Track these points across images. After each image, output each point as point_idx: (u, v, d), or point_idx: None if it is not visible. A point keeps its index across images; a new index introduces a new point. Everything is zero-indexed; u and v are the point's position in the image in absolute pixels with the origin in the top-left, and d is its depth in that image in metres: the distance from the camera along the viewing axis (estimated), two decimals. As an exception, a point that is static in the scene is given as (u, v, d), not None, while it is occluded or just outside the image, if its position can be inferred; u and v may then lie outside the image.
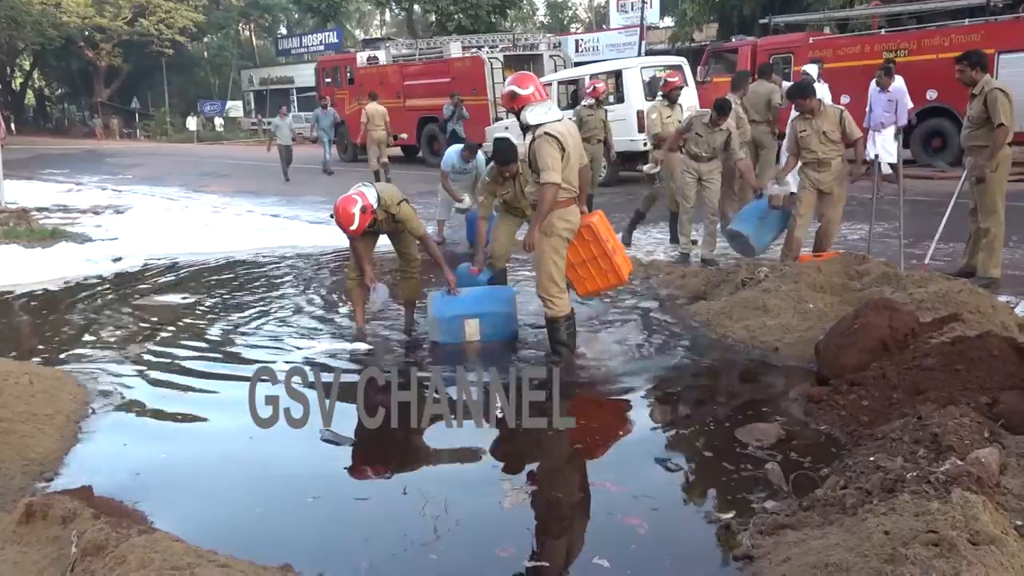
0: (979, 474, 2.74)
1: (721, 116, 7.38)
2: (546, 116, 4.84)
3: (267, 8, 53.42)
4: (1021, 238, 7.75)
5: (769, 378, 4.84)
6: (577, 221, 4.92)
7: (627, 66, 14.57)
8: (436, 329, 5.60)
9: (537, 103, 4.86)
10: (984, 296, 5.12)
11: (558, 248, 4.92)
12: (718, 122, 7.40)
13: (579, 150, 4.94)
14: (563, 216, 4.88)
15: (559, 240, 4.90)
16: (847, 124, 6.74)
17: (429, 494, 3.49)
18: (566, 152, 4.76)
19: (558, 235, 4.89)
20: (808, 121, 6.83)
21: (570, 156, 4.79)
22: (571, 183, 4.86)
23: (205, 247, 9.82)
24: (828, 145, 6.76)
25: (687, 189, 7.70)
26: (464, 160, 9.00)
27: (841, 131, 6.75)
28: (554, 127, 4.77)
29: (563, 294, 5.00)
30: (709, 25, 27.07)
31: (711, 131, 7.45)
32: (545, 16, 55.40)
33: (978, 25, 13.58)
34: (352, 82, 22.01)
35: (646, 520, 3.27)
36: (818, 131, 6.77)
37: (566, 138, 4.77)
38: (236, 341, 6.00)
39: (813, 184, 6.86)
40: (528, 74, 5.06)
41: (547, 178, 4.69)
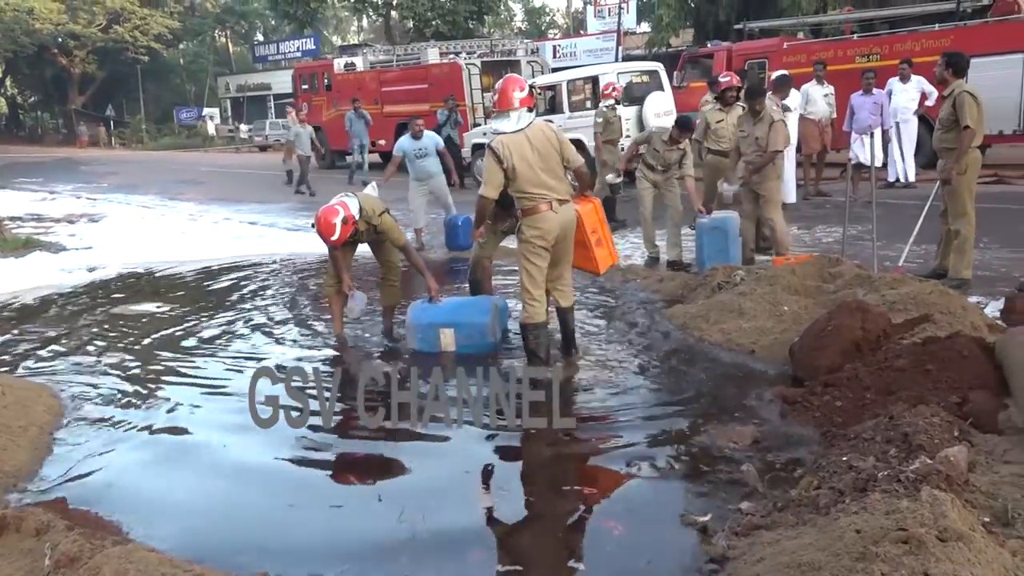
0: (948, 472, 2.79)
1: (682, 133, 7.48)
2: (508, 127, 4.77)
3: (243, 15, 53.17)
4: (991, 240, 7.87)
5: (745, 380, 4.88)
6: (551, 227, 4.80)
7: (604, 72, 14.62)
8: (412, 336, 5.61)
9: (502, 113, 4.81)
10: (955, 297, 5.19)
11: (528, 255, 4.87)
12: (678, 139, 7.50)
13: (548, 154, 4.78)
14: (531, 224, 4.82)
15: (529, 247, 4.85)
16: (772, 135, 6.96)
17: (405, 500, 3.49)
18: (507, 166, 4.68)
19: (528, 242, 4.85)
20: (749, 123, 7.13)
21: (519, 168, 4.69)
22: (539, 190, 4.76)
23: (181, 255, 9.75)
24: (759, 151, 7.04)
25: (644, 197, 7.78)
26: (415, 138, 9.30)
27: (767, 141, 6.99)
28: (499, 139, 4.74)
29: (535, 301, 4.92)
30: (685, 31, 27.24)
31: (669, 148, 7.56)
32: (523, 22, 55.54)
33: (948, 30, 13.77)
34: (330, 88, 21.95)
35: (621, 523, 3.29)
36: (751, 136, 7.00)
37: (511, 149, 4.68)
38: (211, 350, 5.96)
39: (750, 185, 7.14)
40: (511, 80, 4.90)
41: (480, 191, 4.87)
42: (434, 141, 9.62)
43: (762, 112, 7.10)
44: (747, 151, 7.14)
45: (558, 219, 4.84)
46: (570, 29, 45.04)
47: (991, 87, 11.30)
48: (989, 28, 13.32)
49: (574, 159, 4.95)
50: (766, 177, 7.12)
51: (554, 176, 4.84)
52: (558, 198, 4.84)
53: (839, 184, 7.85)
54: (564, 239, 4.96)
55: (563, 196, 4.88)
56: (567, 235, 4.97)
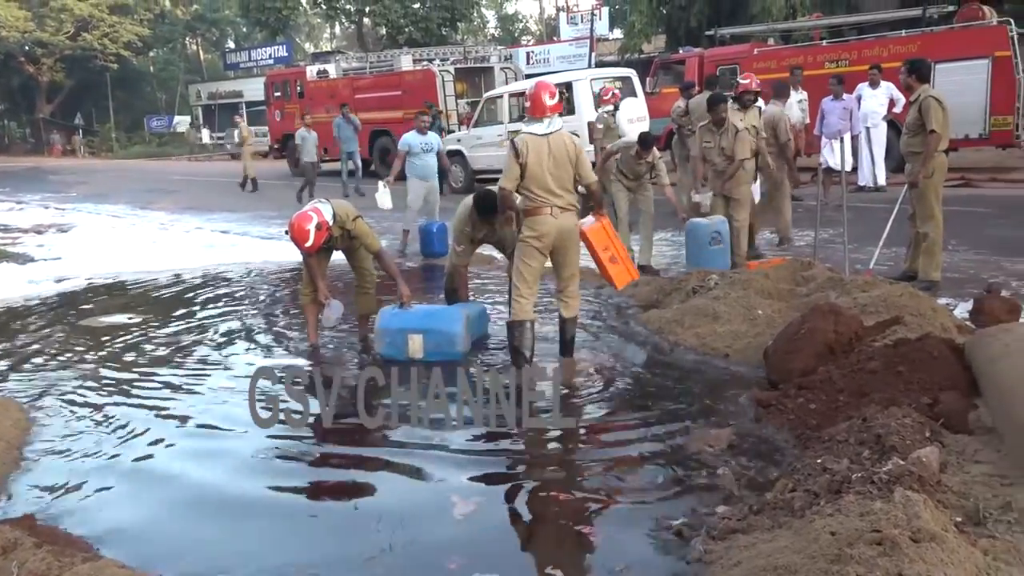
0: (920, 473, 2.82)
1: (645, 150, 7.53)
2: (534, 129, 4.92)
3: (214, 22, 52.77)
4: (960, 242, 7.99)
5: (720, 384, 4.90)
6: (545, 231, 4.90)
7: (577, 78, 14.70)
8: (379, 341, 5.57)
9: (534, 118, 4.94)
10: (924, 299, 5.27)
11: (523, 253, 4.98)
12: (642, 155, 7.55)
13: (562, 162, 4.89)
14: (530, 224, 4.94)
15: (524, 246, 4.97)
16: (738, 145, 7.11)
17: (381, 508, 3.47)
18: (522, 161, 4.80)
19: (524, 241, 4.97)
20: (713, 134, 7.25)
21: (531, 167, 4.82)
22: (541, 195, 4.87)
23: (152, 265, 9.63)
24: (726, 160, 7.19)
25: (619, 201, 7.81)
26: (421, 133, 9.50)
27: (732, 150, 7.14)
28: (522, 137, 4.88)
29: (523, 298, 5.00)
30: (657, 37, 27.44)
31: (636, 162, 7.62)
32: (496, 29, 55.64)
33: (915, 36, 14.00)
34: (302, 96, 21.83)
35: (598, 528, 3.29)
36: (717, 147, 7.14)
37: (528, 148, 4.81)
38: (183, 361, 5.89)
39: (719, 191, 7.28)
40: (544, 87, 5.01)
41: (499, 183, 4.95)
42: (438, 139, 9.92)
43: (725, 122, 7.19)
44: (714, 160, 7.24)
45: (556, 224, 4.93)
46: (543, 35, 45.19)
47: (957, 92, 11.52)
48: (954, 34, 13.56)
49: (587, 176, 5.07)
50: (738, 181, 7.22)
51: (562, 185, 4.94)
52: (560, 205, 4.93)
53: (810, 188, 7.91)
54: (564, 246, 5.03)
55: (565, 205, 4.96)
56: (566, 243, 5.04)
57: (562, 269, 5.14)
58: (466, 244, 5.87)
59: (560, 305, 5.25)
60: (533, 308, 5.10)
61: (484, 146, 15.44)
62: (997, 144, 13.69)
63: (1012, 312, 4.86)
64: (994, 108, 12.88)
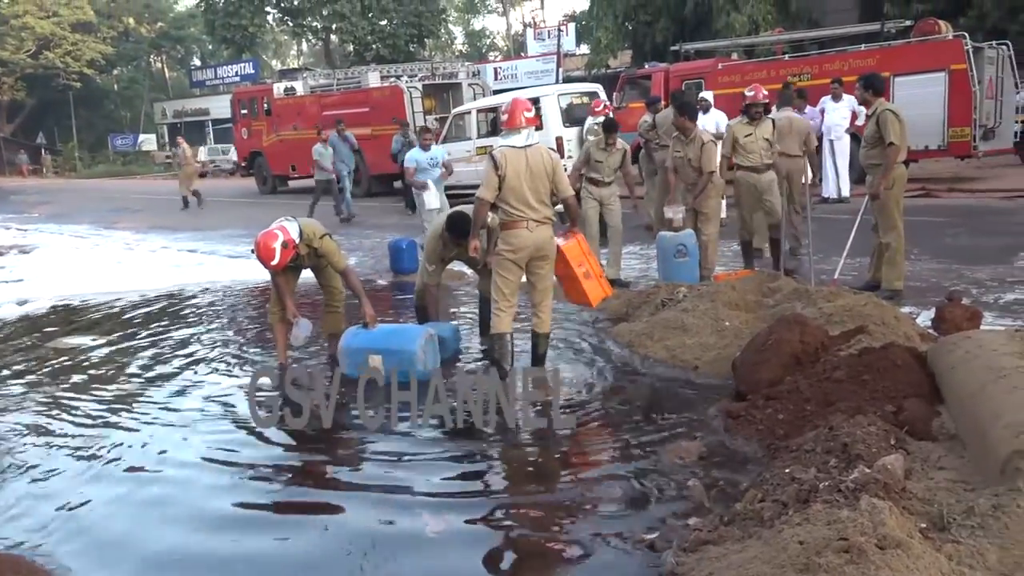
0: (886, 480, 2.86)
1: (611, 135, 7.64)
2: (513, 141, 4.98)
3: (179, 39, 52.48)
4: (921, 251, 8.14)
5: (690, 396, 4.94)
6: (522, 245, 4.94)
7: (544, 93, 14.79)
8: (343, 361, 5.53)
9: (515, 128, 4.99)
10: (888, 308, 5.36)
11: (499, 267, 5.01)
12: (611, 142, 7.64)
13: (539, 176, 4.94)
14: (505, 238, 4.97)
15: (500, 259, 5.00)
16: (705, 156, 7.18)
17: (352, 529, 3.44)
18: (501, 174, 4.83)
19: (500, 255, 4.99)
20: (683, 144, 7.31)
21: (510, 180, 4.85)
22: (519, 208, 4.90)
23: (118, 286, 9.50)
24: (694, 172, 7.23)
25: (589, 214, 7.83)
26: (424, 149, 9.91)
27: (699, 162, 7.20)
28: (501, 149, 4.91)
29: (501, 312, 5.03)
30: (623, 52, 27.77)
31: (608, 153, 7.70)
32: (464, 45, 55.95)
33: (874, 50, 14.30)
34: (269, 113, 21.73)
35: (570, 543, 3.29)
36: (686, 158, 7.22)
37: (508, 160, 4.85)
38: (150, 382, 5.81)
39: (692, 206, 7.33)
40: (521, 101, 5.12)
41: (477, 193, 4.94)
42: (442, 153, 10.31)
43: (692, 133, 7.27)
44: (685, 171, 7.29)
45: (532, 238, 4.97)
46: (511, 51, 45.49)
47: (915, 104, 11.79)
48: (912, 48, 13.87)
49: (564, 189, 5.12)
50: (707, 196, 7.29)
51: (539, 198, 4.97)
52: (536, 219, 4.96)
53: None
54: (539, 261, 5.07)
55: (542, 219, 4.99)
56: (542, 257, 5.07)
57: (537, 282, 5.16)
58: (437, 264, 5.89)
59: (534, 320, 5.27)
60: (512, 321, 5.12)
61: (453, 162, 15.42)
62: (955, 155, 14.00)
63: (972, 319, 4.96)
64: (952, 120, 13.17)
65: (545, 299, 5.22)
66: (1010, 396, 3.16)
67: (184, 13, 52.48)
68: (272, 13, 41.45)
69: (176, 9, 54.55)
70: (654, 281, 7.47)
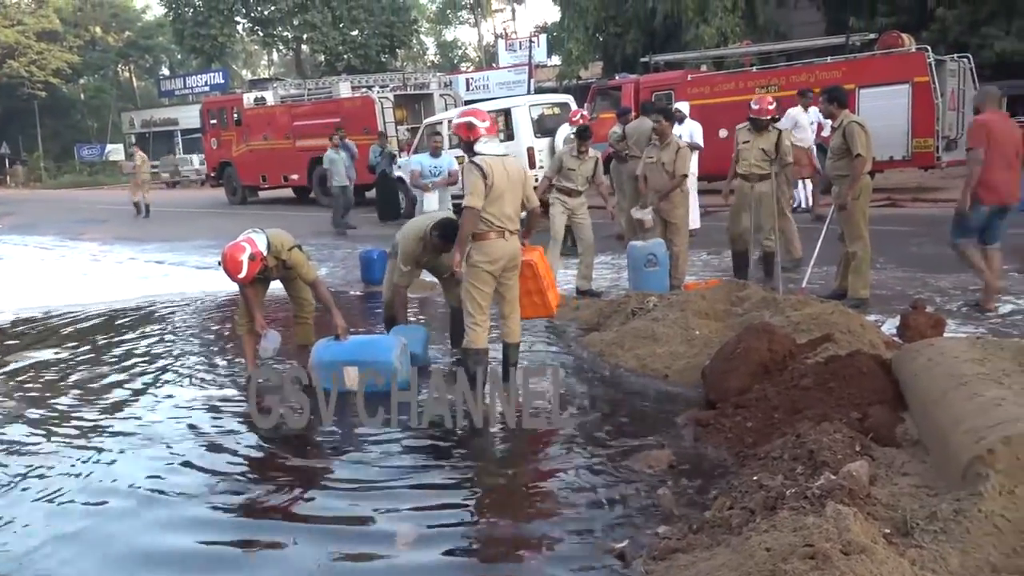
0: (851, 487, 2.90)
1: (584, 142, 7.66)
2: (493, 150, 4.98)
3: (147, 49, 51.98)
4: (887, 260, 8.27)
5: (660, 405, 4.97)
6: (498, 255, 4.92)
7: (516, 104, 14.84)
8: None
9: (488, 136, 5.00)
10: (854, 316, 5.44)
11: (474, 279, 4.95)
12: (583, 149, 7.67)
13: (516, 187, 4.97)
14: (481, 249, 4.90)
15: (475, 271, 4.94)
16: (679, 161, 7.27)
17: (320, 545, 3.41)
18: (489, 183, 4.81)
19: (475, 266, 4.94)
20: (657, 149, 7.38)
21: (497, 188, 4.83)
22: (498, 218, 4.88)
23: (83, 298, 9.35)
24: (666, 177, 7.29)
25: (557, 224, 7.85)
26: (433, 155, 10.00)
27: (673, 167, 7.29)
28: (483, 158, 4.87)
29: (478, 326, 4.98)
30: (594, 64, 27.97)
31: (581, 161, 7.71)
32: (435, 55, 55.97)
33: (839, 63, 14.55)
34: (239, 123, 21.57)
35: (539, 553, 3.29)
36: (659, 163, 7.21)
37: (492, 168, 4.83)
38: (115, 397, 5.71)
39: (659, 212, 7.41)
40: (481, 109, 5.15)
41: (465, 202, 4.83)
42: (448, 162, 10.27)
43: (669, 138, 7.34)
44: (657, 176, 7.34)
45: (508, 248, 4.97)
46: (482, 62, 45.60)
47: (880, 115, 12.00)
48: (876, 61, 14.13)
49: (533, 199, 5.19)
50: (675, 204, 7.37)
51: (515, 208, 5.00)
52: (511, 230, 4.98)
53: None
54: (510, 272, 5.07)
55: (514, 229, 5.02)
56: (513, 268, 5.07)
57: (506, 293, 5.14)
58: (412, 265, 5.85)
59: (504, 331, 5.26)
60: (487, 335, 5.08)
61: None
62: (919, 165, 14.27)
63: (936, 327, 5.05)
64: (915, 131, 13.43)
65: (514, 309, 5.22)
66: (970, 402, 3.21)
67: (152, 22, 52.05)
68: (242, 23, 41.28)
69: (144, 18, 54.09)
70: (625, 290, 7.51)
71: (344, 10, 38.09)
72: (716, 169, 13.34)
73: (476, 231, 4.90)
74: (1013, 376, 3.38)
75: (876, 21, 19.17)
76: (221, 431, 4.93)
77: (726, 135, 13.88)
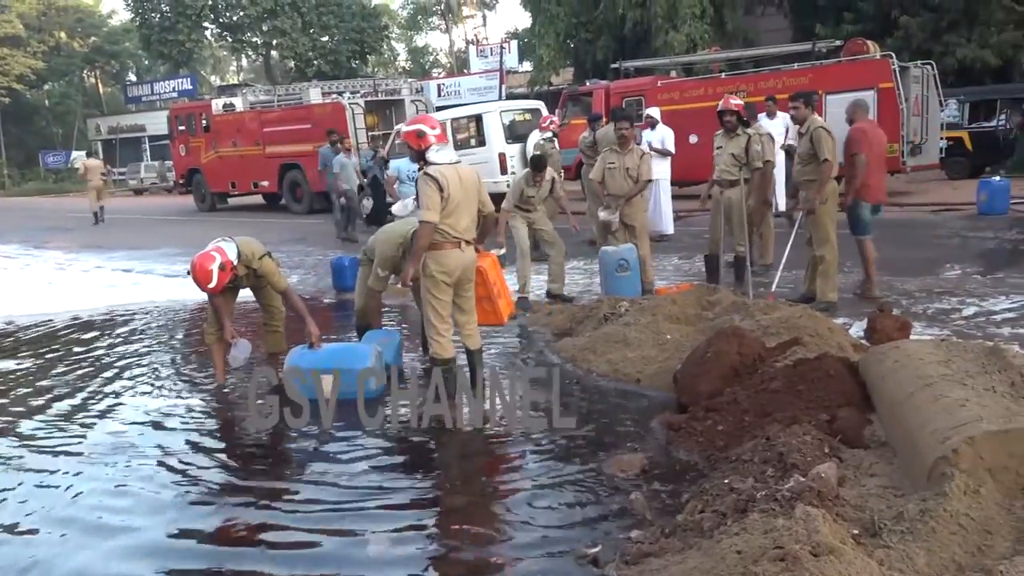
0: (820, 488, 2.93)
1: (539, 172, 7.61)
2: (446, 158, 4.92)
3: (114, 54, 51.30)
4: (853, 264, 8.37)
5: (632, 409, 4.99)
6: (455, 265, 4.90)
7: (487, 110, 14.87)
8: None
9: (440, 144, 4.94)
10: (822, 320, 5.50)
11: (431, 289, 4.92)
12: (537, 178, 7.63)
13: (471, 195, 4.94)
14: (436, 259, 4.87)
15: (432, 281, 4.90)
16: (643, 166, 7.38)
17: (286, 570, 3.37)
18: (445, 195, 4.76)
19: (431, 277, 4.90)
20: (618, 155, 7.41)
21: (453, 199, 4.79)
22: (454, 228, 4.84)
23: (49, 307, 9.19)
24: (629, 182, 7.37)
25: (521, 235, 7.78)
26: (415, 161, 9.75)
27: (638, 172, 7.37)
28: (437, 168, 4.81)
29: (442, 337, 4.95)
30: (565, 70, 28.11)
31: (538, 188, 7.67)
32: (406, 62, 55.89)
33: (806, 69, 14.76)
34: (208, 130, 21.35)
35: (513, 559, 3.28)
36: (622, 168, 7.31)
37: (447, 179, 4.78)
38: (80, 409, 5.61)
39: (622, 217, 7.48)
40: (431, 116, 5.14)
41: (421, 216, 4.77)
42: None
43: (630, 143, 7.40)
44: (619, 182, 7.39)
45: (464, 258, 4.95)
46: (454, 68, 45.62)
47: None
48: (842, 67, 14.34)
49: (488, 204, 5.15)
50: (637, 209, 7.43)
51: (469, 217, 4.96)
52: (467, 239, 4.95)
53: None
54: (466, 281, 5.05)
55: (470, 239, 4.99)
56: (468, 277, 5.06)
57: (464, 303, 5.13)
58: (389, 270, 5.84)
59: (464, 339, 5.23)
60: (451, 343, 5.06)
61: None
62: (885, 170, 14.46)
63: (902, 330, 5.12)
64: (881, 137, 13.62)
65: (472, 317, 5.21)
66: (935, 404, 3.26)
67: (119, 27, 51.38)
68: (210, 28, 40.94)
69: (110, 23, 53.36)
70: (597, 295, 7.54)
71: (314, 16, 37.94)
72: (686, 175, 13.49)
73: (433, 241, 4.84)
74: (977, 377, 3.43)
75: (842, 28, 19.48)
76: (185, 447, 4.83)
77: (696, 140, 14.06)
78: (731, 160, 7.36)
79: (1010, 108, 16.42)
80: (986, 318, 6.27)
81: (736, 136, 7.41)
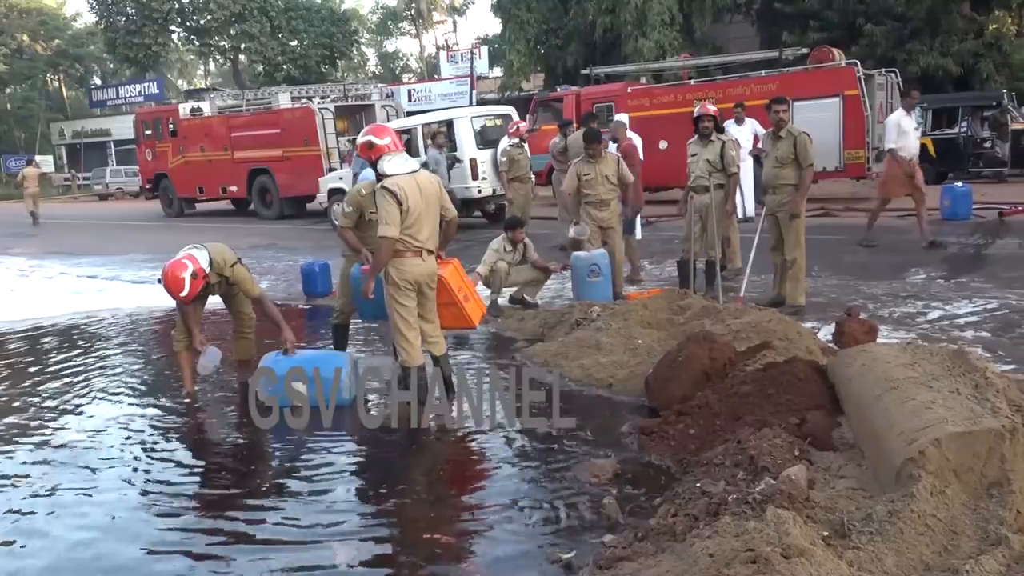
0: (790, 491, 2.96)
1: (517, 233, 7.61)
2: (401, 167, 4.84)
3: (78, 58, 50.56)
4: (822, 268, 8.50)
5: (604, 414, 5.00)
6: (418, 272, 4.88)
7: (458, 116, 14.87)
8: (263, 389, 5.35)
9: (393, 153, 4.86)
10: (791, 323, 5.56)
11: (396, 297, 4.89)
12: (516, 239, 7.63)
13: (432, 203, 4.90)
14: (397, 266, 4.84)
15: (395, 289, 4.88)
16: (622, 169, 7.51)
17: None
18: (404, 207, 4.72)
19: (393, 283, 4.87)
20: (592, 164, 7.48)
21: (413, 211, 4.75)
22: (415, 238, 4.82)
23: (11, 314, 9.00)
24: (608, 186, 7.48)
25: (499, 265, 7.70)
26: None
27: (617, 176, 7.48)
28: (395, 180, 4.75)
29: (410, 344, 4.93)
30: (536, 75, 28.24)
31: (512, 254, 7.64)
32: (377, 67, 55.75)
33: (774, 76, 14.97)
34: (175, 134, 21.12)
35: (483, 566, 3.27)
36: (601, 174, 7.42)
37: (405, 191, 4.73)
38: (42, 418, 5.50)
39: (596, 222, 7.53)
40: (384, 125, 5.11)
41: (381, 232, 4.73)
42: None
43: (602, 155, 7.45)
44: (596, 190, 7.41)
45: (424, 268, 4.93)
46: (424, 74, 45.56)
47: (813, 127, 12.17)
48: (809, 75, 14.56)
49: (451, 208, 5.13)
50: (614, 211, 7.49)
51: (431, 226, 4.93)
52: (429, 248, 4.93)
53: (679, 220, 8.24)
54: (429, 288, 5.03)
55: (433, 247, 4.97)
56: (430, 285, 5.03)
57: (427, 312, 5.11)
58: (354, 207, 5.74)
59: (430, 347, 5.21)
60: (420, 350, 5.04)
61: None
62: (852, 176, 14.73)
63: (869, 333, 5.19)
64: (847, 143, 13.87)
65: (435, 325, 5.19)
66: (902, 406, 3.31)
67: (83, 30, 50.69)
68: (177, 32, 40.50)
69: (74, 26, 52.62)
70: (569, 301, 7.55)
71: (283, 20, 37.72)
72: (654, 180, 13.59)
73: (395, 249, 4.81)
74: (942, 380, 3.49)
75: (808, 36, 19.79)
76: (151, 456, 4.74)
77: (666, 146, 14.18)
78: (707, 166, 7.41)
79: (971, 116, 16.77)
80: (950, 321, 6.39)
81: (711, 143, 7.46)
